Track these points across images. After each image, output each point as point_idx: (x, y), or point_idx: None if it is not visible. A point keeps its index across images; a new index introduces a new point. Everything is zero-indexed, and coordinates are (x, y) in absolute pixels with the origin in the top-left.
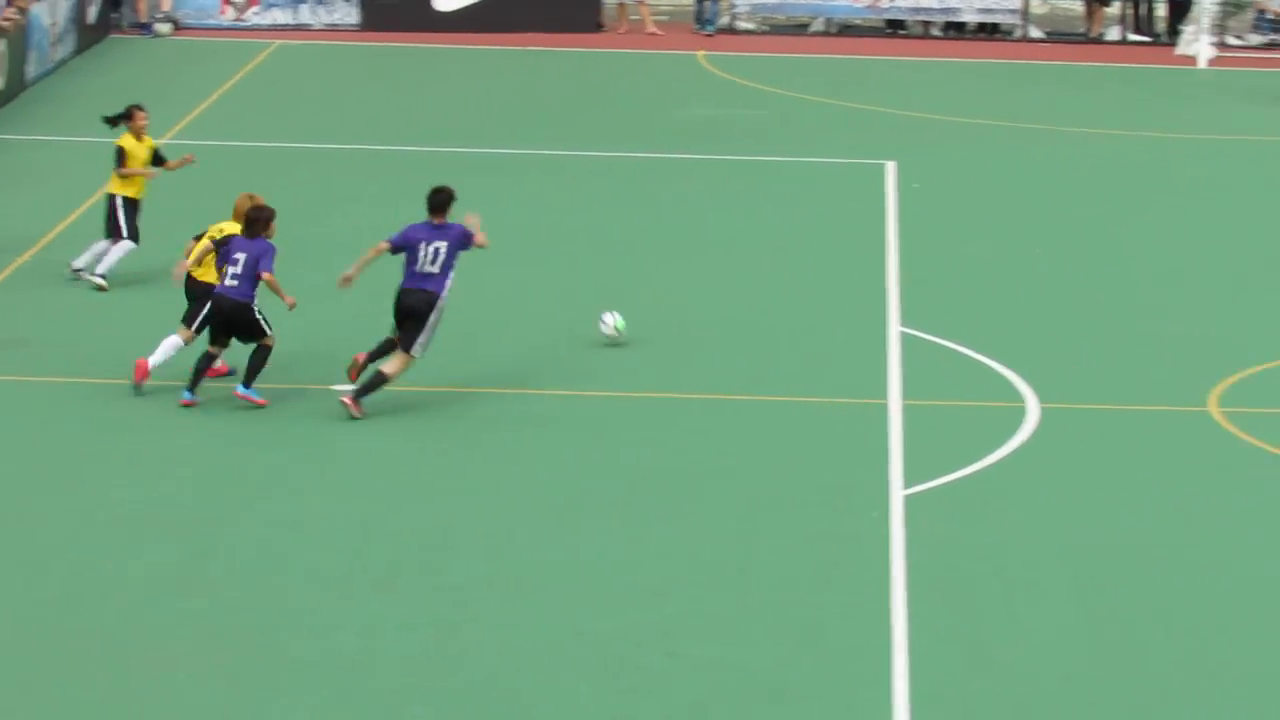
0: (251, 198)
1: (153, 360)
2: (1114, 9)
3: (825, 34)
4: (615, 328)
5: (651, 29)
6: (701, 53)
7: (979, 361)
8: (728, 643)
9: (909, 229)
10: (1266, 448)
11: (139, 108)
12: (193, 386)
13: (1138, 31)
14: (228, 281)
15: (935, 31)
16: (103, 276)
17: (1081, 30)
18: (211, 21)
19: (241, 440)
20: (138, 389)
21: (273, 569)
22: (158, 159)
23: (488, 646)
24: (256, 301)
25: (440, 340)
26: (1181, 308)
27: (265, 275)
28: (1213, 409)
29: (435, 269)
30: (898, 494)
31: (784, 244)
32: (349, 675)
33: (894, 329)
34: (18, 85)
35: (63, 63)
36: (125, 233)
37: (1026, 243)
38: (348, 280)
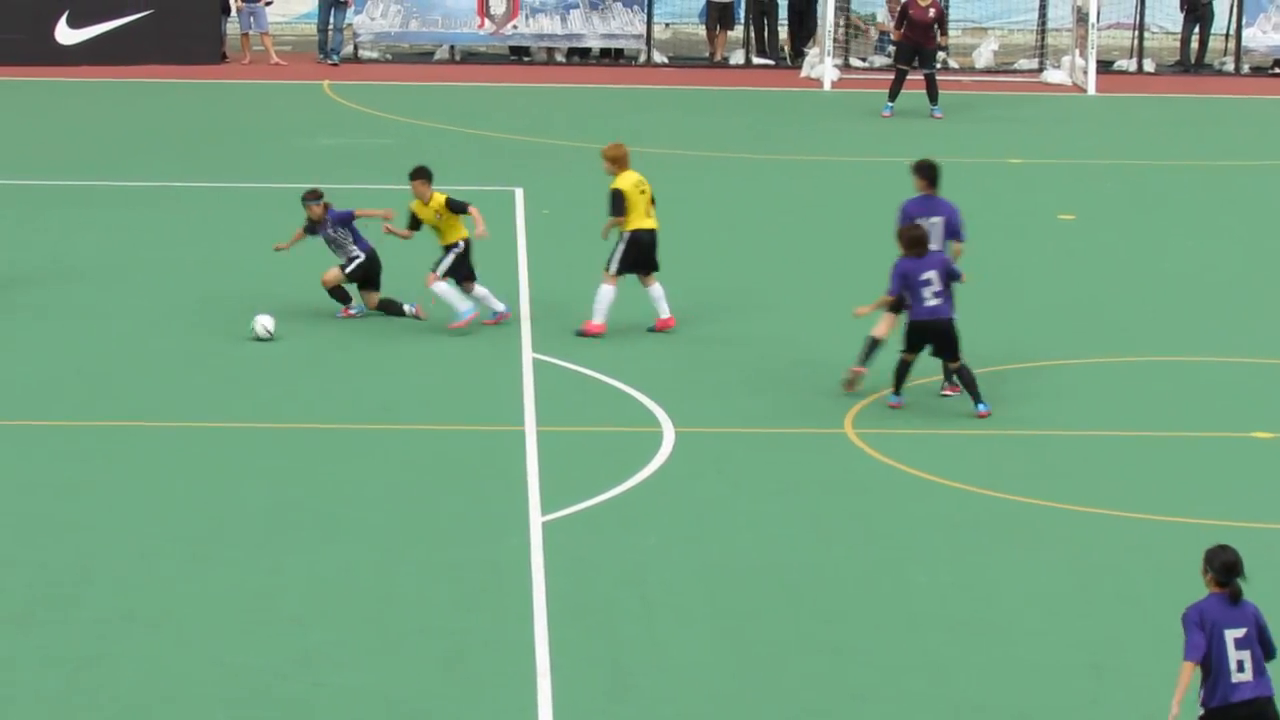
0: (618, 146)
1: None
2: (737, 33)
3: (450, 61)
4: (267, 329)
5: (275, 59)
6: (327, 82)
7: (613, 387)
8: (370, 672)
9: (538, 255)
10: (899, 466)
11: None
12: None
13: (762, 55)
14: (930, 303)
15: (560, 58)
16: None
17: (706, 55)
18: None
19: None
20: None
21: None
22: None
23: (128, 680)
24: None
25: (73, 373)
26: (816, 332)
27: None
28: (849, 430)
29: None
30: (536, 520)
31: (415, 272)
32: None
33: (527, 355)
34: None
35: None
36: None
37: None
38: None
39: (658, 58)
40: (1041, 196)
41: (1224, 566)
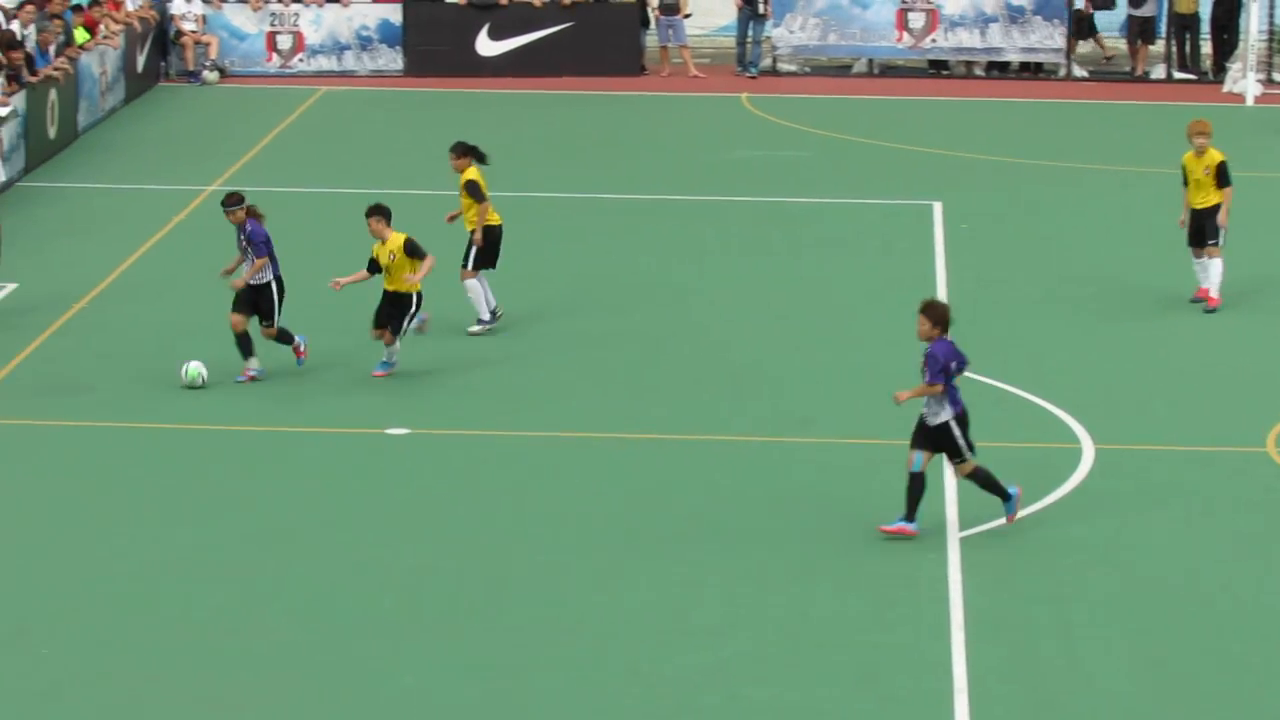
0: (1200, 121)
1: None
2: (1158, 47)
3: (868, 75)
4: (195, 375)
5: (694, 72)
6: (744, 95)
7: (1032, 402)
8: (786, 685)
9: (958, 270)
10: None
11: None
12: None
13: (1183, 69)
14: None
15: (978, 72)
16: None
17: (1126, 69)
18: (258, 69)
19: (293, 486)
20: None
21: (331, 612)
22: None
23: (547, 689)
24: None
25: (495, 384)
26: (1236, 347)
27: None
28: (1271, 449)
29: None
30: (954, 536)
31: (833, 286)
32: (411, 718)
33: None
34: (70, 134)
35: (112, 111)
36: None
37: (1077, 282)
38: None
39: (1078, 72)
40: None
41: None
